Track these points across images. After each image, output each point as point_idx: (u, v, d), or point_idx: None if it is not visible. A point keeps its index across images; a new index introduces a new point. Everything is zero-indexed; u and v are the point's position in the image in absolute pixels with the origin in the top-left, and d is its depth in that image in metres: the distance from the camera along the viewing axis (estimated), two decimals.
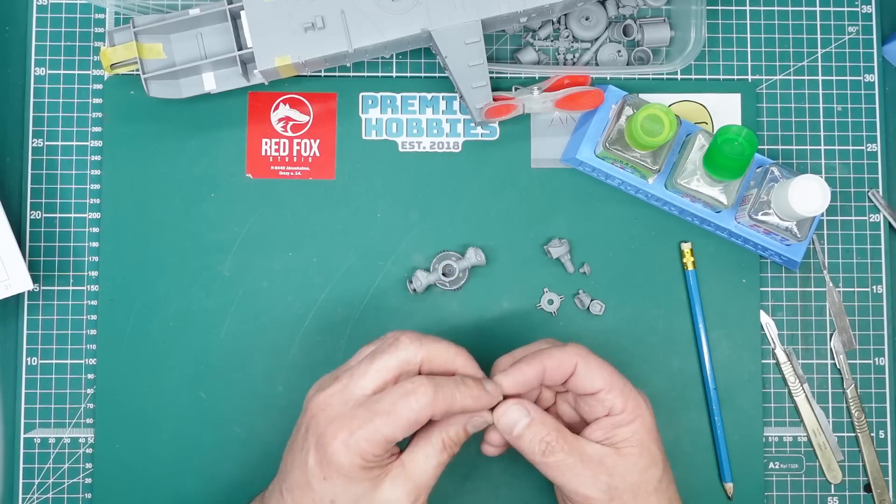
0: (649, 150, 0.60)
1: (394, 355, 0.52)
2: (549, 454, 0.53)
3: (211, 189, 0.66)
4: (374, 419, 0.50)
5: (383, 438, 0.50)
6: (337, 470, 0.50)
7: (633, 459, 0.54)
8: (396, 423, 0.50)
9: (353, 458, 0.50)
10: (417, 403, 0.51)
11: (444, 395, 0.51)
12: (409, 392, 0.51)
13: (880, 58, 0.68)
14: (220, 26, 0.62)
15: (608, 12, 0.68)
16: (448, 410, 0.52)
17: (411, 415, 0.50)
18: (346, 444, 0.50)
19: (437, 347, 0.53)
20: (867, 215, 0.67)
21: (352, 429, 0.50)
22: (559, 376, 0.55)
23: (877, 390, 0.66)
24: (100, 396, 0.65)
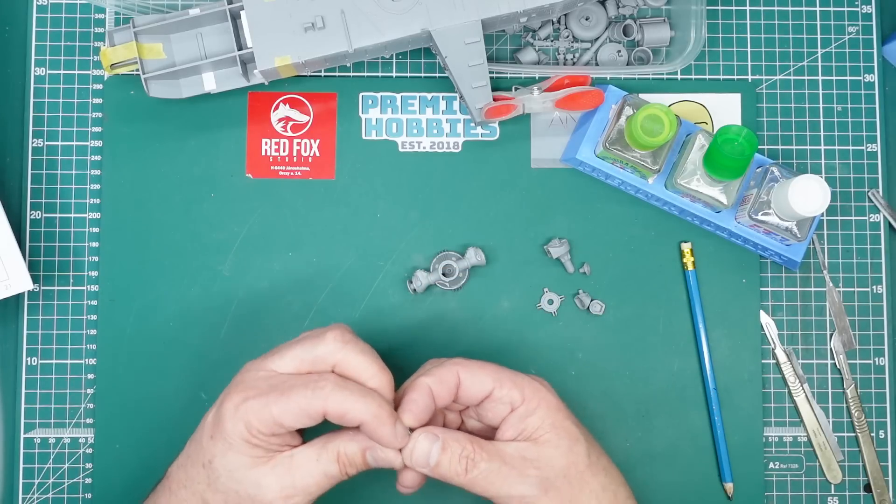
0: (649, 150, 0.60)
1: (313, 348, 0.52)
2: (473, 468, 0.51)
3: (211, 189, 0.66)
4: (269, 394, 0.50)
5: (270, 416, 0.49)
6: (222, 432, 0.50)
7: (554, 443, 0.52)
8: (286, 406, 0.49)
9: (236, 425, 0.50)
10: (312, 394, 0.49)
11: (341, 398, 0.50)
12: (309, 381, 0.50)
13: (880, 58, 0.68)
14: (220, 26, 0.62)
15: (608, 12, 0.68)
16: (343, 416, 0.50)
17: (302, 402, 0.49)
18: (236, 409, 0.50)
19: (358, 359, 0.52)
20: (867, 215, 0.67)
21: (246, 396, 0.50)
22: (447, 393, 0.53)
23: (877, 390, 0.66)
24: (100, 396, 0.65)
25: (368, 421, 0.50)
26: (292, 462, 0.51)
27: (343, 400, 0.50)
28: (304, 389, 0.50)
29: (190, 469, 0.53)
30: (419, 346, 0.65)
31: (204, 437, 0.52)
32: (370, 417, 0.50)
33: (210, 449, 0.51)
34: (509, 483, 0.51)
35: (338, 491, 0.59)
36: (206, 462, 0.51)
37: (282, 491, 0.50)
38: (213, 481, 0.51)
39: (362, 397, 0.50)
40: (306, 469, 0.51)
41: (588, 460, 0.53)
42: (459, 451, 0.52)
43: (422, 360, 0.65)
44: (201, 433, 0.53)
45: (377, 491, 0.65)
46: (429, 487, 0.55)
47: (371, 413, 0.50)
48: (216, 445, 0.51)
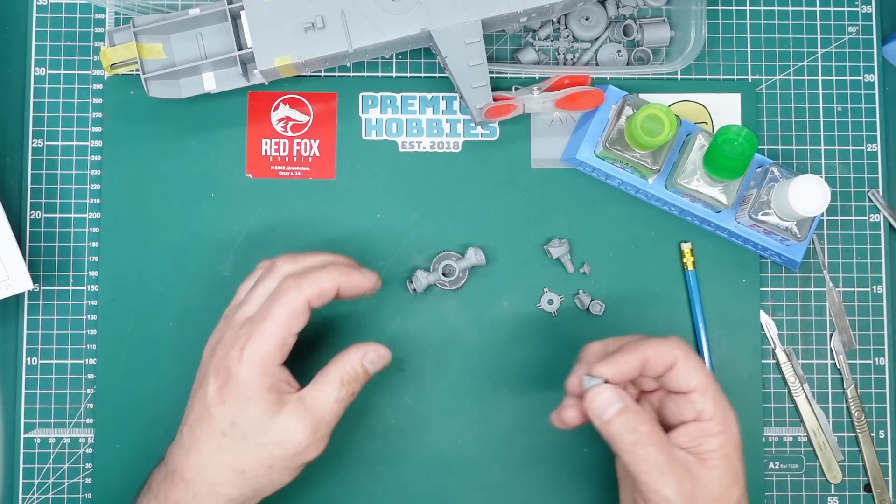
0: (649, 150, 0.60)
1: (274, 278, 0.55)
2: (640, 445, 0.51)
3: (211, 189, 0.66)
4: (257, 327, 0.53)
5: (271, 343, 0.52)
6: (235, 388, 0.52)
7: (718, 473, 0.52)
8: (278, 322, 0.53)
9: (248, 371, 0.52)
10: (287, 297, 0.53)
11: (309, 281, 0.53)
12: (277, 292, 0.54)
13: (880, 58, 0.68)
14: (220, 26, 0.62)
15: (608, 12, 0.68)
16: (321, 293, 0.54)
17: (285, 308, 0.53)
18: (241, 359, 0.52)
19: (312, 259, 0.56)
20: (867, 215, 0.67)
21: (241, 344, 0.53)
22: (658, 368, 0.53)
23: (877, 390, 0.66)
24: (100, 396, 0.65)
25: (344, 281, 0.55)
26: (304, 402, 0.53)
27: (311, 280, 0.54)
28: (278, 301, 0.53)
29: (205, 446, 0.53)
30: (419, 346, 0.65)
31: (212, 408, 0.53)
32: (340, 276, 0.54)
33: (227, 414, 0.53)
34: (664, 480, 0.51)
35: (339, 491, 0.59)
36: (228, 427, 0.53)
37: (306, 429, 0.53)
38: (241, 442, 0.53)
39: (323, 269, 0.55)
40: (321, 403, 0.54)
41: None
42: (635, 424, 0.52)
43: (422, 360, 0.65)
44: (205, 408, 0.53)
45: (378, 492, 0.65)
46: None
47: (337, 273, 0.55)
48: (232, 406, 0.52)
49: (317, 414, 0.53)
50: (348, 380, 0.55)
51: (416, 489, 0.65)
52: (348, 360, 0.55)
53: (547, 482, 0.65)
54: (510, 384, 0.65)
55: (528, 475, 0.65)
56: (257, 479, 0.53)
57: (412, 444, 0.65)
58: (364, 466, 0.64)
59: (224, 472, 0.53)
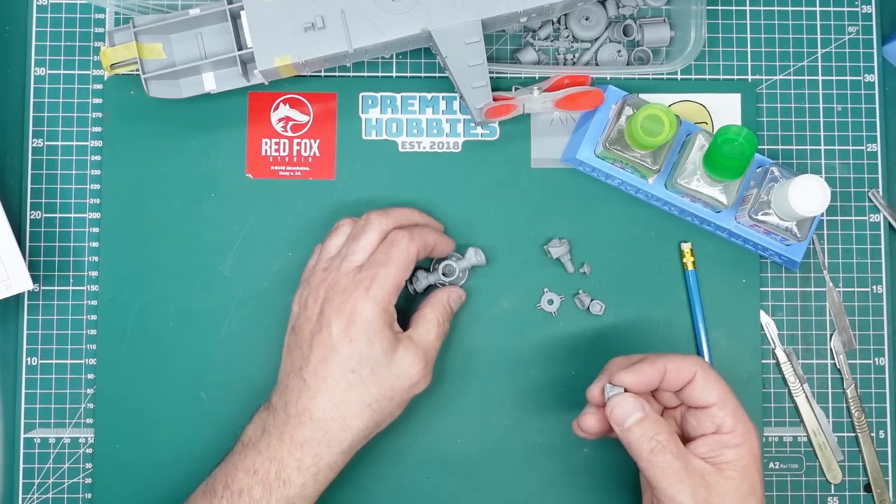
0: (649, 150, 0.60)
1: (373, 230, 0.60)
2: (658, 453, 0.53)
3: (211, 189, 0.66)
4: (379, 270, 0.58)
5: (391, 283, 0.57)
6: (362, 325, 0.56)
7: (735, 484, 0.53)
8: (397, 266, 0.58)
9: (373, 308, 0.57)
10: (402, 244, 0.59)
11: (417, 234, 0.60)
12: (393, 240, 0.59)
13: (880, 58, 0.68)
14: (220, 26, 0.62)
15: (608, 12, 0.68)
16: (425, 244, 0.60)
17: (402, 255, 0.58)
18: (366, 297, 0.57)
19: (401, 214, 0.62)
20: (867, 215, 0.67)
21: (366, 285, 0.57)
22: (677, 382, 0.55)
23: (877, 390, 0.66)
24: (100, 396, 0.65)
25: (437, 237, 0.62)
26: (413, 340, 0.59)
27: (419, 234, 0.60)
28: (396, 248, 0.58)
29: (334, 385, 0.57)
30: None
31: (339, 347, 0.56)
32: (437, 235, 0.62)
33: (355, 350, 0.57)
34: (679, 488, 0.53)
35: (339, 491, 0.59)
36: (356, 364, 0.57)
37: (419, 362, 0.58)
38: (368, 377, 0.57)
39: (425, 227, 0.62)
40: (425, 339, 0.59)
41: None
42: (655, 433, 0.53)
43: None
44: (332, 348, 0.57)
45: (378, 492, 0.65)
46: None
47: (435, 232, 0.62)
48: (359, 343, 0.57)
49: (425, 349, 0.59)
50: (443, 318, 0.61)
51: (416, 489, 0.65)
52: (439, 301, 0.62)
53: (547, 482, 0.65)
54: (510, 384, 0.65)
55: (528, 475, 0.65)
56: (381, 412, 0.58)
57: (412, 444, 0.65)
58: (364, 466, 0.64)
59: (354, 406, 0.57)
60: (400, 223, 0.62)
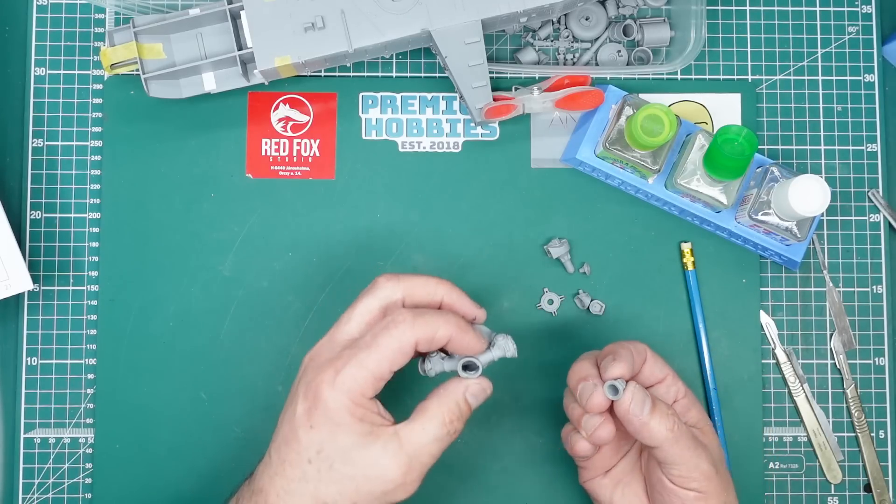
0: (649, 150, 0.60)
1: (374, 296, 0.52)
2: (678, 433, 0.53)
3: (211, 189, 0.66)
4: (358, 354, 0.49)
5: (369, 374, 0.49)
6: (324, 413, 0.49)
7: (710, 437, 0.56)
8: (381, 355, 0.49)
9: (340, 397, 0.49)
10: (398, 331, 0.49)
11: (424, 322, 0.50)
12: (388, 323, 0.50)
13: (880, 58, 0.68)
14: (220, 26, 0.62)
15: (608, 12, 0.68)
16: (432, 338, 0.50)
17: (393, 343, 0.49)
18: (333, 383, 0.49)
19: (416, 282, 0.53)
20: (867, 215, 0.67)
21: (337, 368, 0.49)
22: (638, 363, 0.56)
23: (877, 390, 0.66)
24: (100, 396, 0.65)
25: (454, 333, 0.51)
26: (399, 438, 0.50)
27: (426, 322, 0.50)
28: (387, 332, 0.50)
29: (291, 472, 0.50)
30: None
31: (300, 431, 0.50)
32: (455, 329, 0.51)
33: (315, 439, 0.49)
34: (698, 455, 0.53)
35: None
36: (314, 455, 0.49)
37: (399, 468, 0.49)
38: (326, 472, 0.49)
39: (441, 315, 0.51)
40: (416, 440, 0.50)
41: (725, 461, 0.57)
42: (667, 410, 0.53)
43: None
44: (293, 430, 0.50)
45: None
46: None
47: (454, 324, 0.51)
48: (321, 432, 0.49)
49: (412, 452, 0.50)
50: (451, 417, 0.51)
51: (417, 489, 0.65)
52: (451, 394, 0.51)
53: (547, 482, 0.65)
54: (510, 384, 0.65)
55: (528, 475, 0.65)
56: None
57: None
58: None
59: (307, 500, 0.50)
60: (414, 296, 0.53)
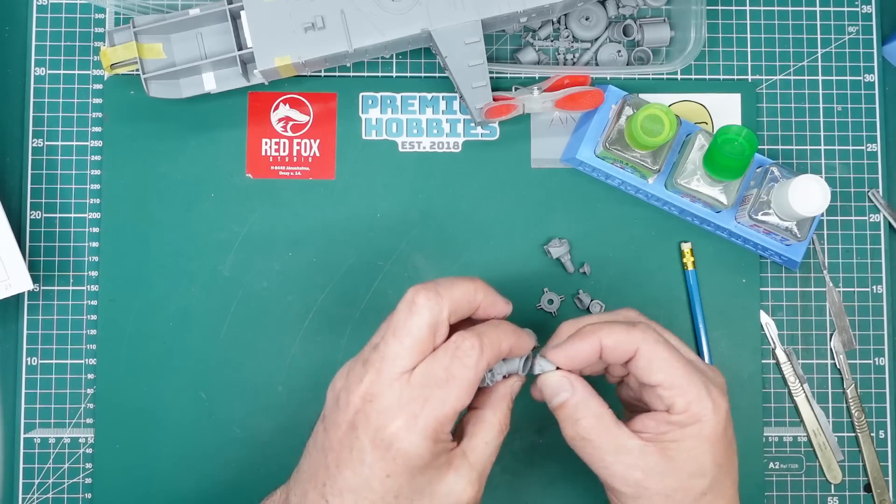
0: (649, 150, 0.60)
1: (420, 319, 0.48)
2: (580, 438, 0.50)
3: (211, 189, 0.66)
4: (435, 393, 0.47)
5: (451, 410, 0.47)
6: (404, 462, 0.47)
7: (676, 465, 0.50)
8: (460, 388, 0.47)
9: (422, 443, 0.47)
10: (471, 359, 0.48)
11: (490, 343, 0.49)
12: (457, 353, 0.48)
13: (880, 58, 0.68)
14: (220, 26, 0.62)
15: (608, 12, 0.68)
16: (497, 356, 0.49)
17: (469, 374, 0.47)
18: (413, 429, 0.46)
19: (456, 292, 0.50)
20: (867, 215, 0.67)
21: (415, 412, 0.47)
22: (617, 357, 0.51)
23: (877, 390, 0.66)
24: (100, 396, 0.65)
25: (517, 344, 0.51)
26: (468, 458, 0.49)
27: (492, 343, 0.49)
28: (461, 364, 0.48)
29: None
30: None
31: (373, 482, 0.47)
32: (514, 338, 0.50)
33: (393, 486, 0.47)
34: (610, 472, 0.50)
35: None
36: (392, 499, 0.47)
37: (473, 487, 0.49)
38: None
39: (499, 328, 0.50)
40: (481, 453, 0.50)
41: (700, 498, 0.50)
42: (578, 416, 0.50)
43: None
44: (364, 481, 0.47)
45: None
46: None
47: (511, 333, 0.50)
48: (400, 478, 0.47)
49: (480, 467, 0.50)
50: (506, 422, 0.51)
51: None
52: (502, 398, 0.51)
53: (547, 482, 0.65)
54: None
55: (528, 475, 0.65)
56: None
57: None
58: None
59: None
60: (458, 312, 0.50)
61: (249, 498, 0.59)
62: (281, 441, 0.64)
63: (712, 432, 0.50)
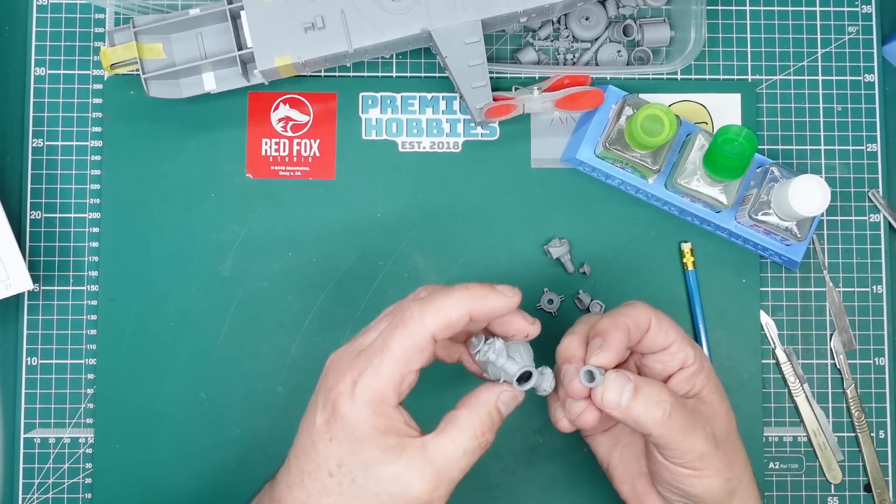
0: (649, 150, 0.60)
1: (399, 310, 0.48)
2: (670, 413, 0.49)
3: (211, 189, 0.66)
4: (371, 361, 0.46)
5: (388, 381, 0.45)
6: (343, 426, 0.46)
7: (717, 403, 0.52)
8: (395, 359, 0.45)
9: (360, 409, 0.45)
10: (406, 327, 0.46)
11: (434, 309, 0.46)
12: (397, 321, 0.46)
13: (880, 58, 0.68)
14: (220, 26, 0.62)
15: (608, 12, 0.68)
16: (449, 325, 0.46)
17: (406, 343, 0.45)
18: (351, 394, 0.45)
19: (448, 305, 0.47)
20: (867, 215, 0.67)
21: (353, 378, 0.46)
22: (638, 335, 0.52)
23: (877, 390, 0.66)
24: (100, 396, 0.65)
25: (473, 305, 0.46)
26: (426, 451, 0.46)
27: (438, 308, 0.46)
28: (396, 333, 0.46)
29: (310, 484, 0.47)
30: None
31: (318, 443, 0.47)
32: (470, 299, 0.46)
33: (335, 452, 0.46)
34: (696, 437, 0.49)
35: None
36: (335, 468, 0.46)
37: (426, 483, 0.46)
38: (347, 487, 0.46)
39: (449, 294, 0.46)
40: (446, 455, 0.47)
41: (735, 425, 0.53)
42: (656, 396, 0.49)
43: None
44: (312, 442, 0.47)
45: None
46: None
47: (468, 295, 0.46)
48: (341, 445, 0.46)
49: (440, 467, 0.46)
50: (483, 428, 0.48)
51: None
52: (483, 403, 0.48)
53: (547, 482, 0.65)
54: None
55: (528, 475, 0.65)
56: None
57: None
58: None
59: None
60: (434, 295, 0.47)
61: (249, 498, 0.59)
62: (280, 441, 0.64)
63: (711, 365, 0.54)
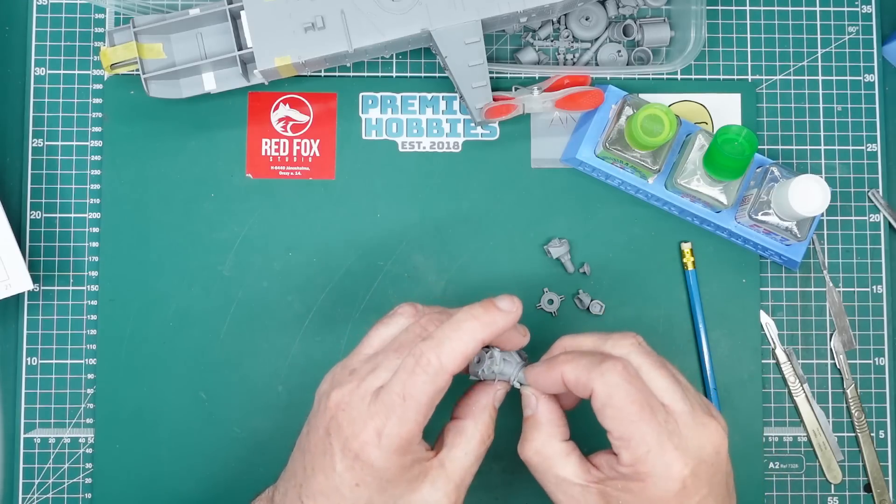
0: (649, 150, 0.60)
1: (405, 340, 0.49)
2: (526, 458, 0.51)
3: (211, 189, 0.66)
4: (396, 409, 0.46)
5: (414, 426, 0.46)
6: (372, 473, 0.46)
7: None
8: (420, 403, 0.46)
9: (389, 457, 0.46)
10: (427, 376, 0.46)
11: (450, 349, 0.47)
12: (414, 365, 0.46)
13: (880, 58, 0.68)
14: (220, 26, 0.62)
15: (608, 12, 0.68)
16: (465, 359, 0.47)
17: (427, 388, 0.46)
18: (379, 444, 0.46)
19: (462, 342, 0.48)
20: (867, 215, 0.67)
21: (379, 429, 0.46)
22: (579, 392, 0.49)
23: (877, 390, 0.66)
24: (100, 396, 0.65)
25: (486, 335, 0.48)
26: (445, 469, 0.48)
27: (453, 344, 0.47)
28: (418, 378, 0.46)
29: None
30: None
31: (343, 489, 0.47)
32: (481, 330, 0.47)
33: (363, 494, 0.47)
34: (554, 499, 0.50)
35: None
36: None
37: (448, 498, 0.48)
38: None
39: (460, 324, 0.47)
40: (461, 466, 0.49)
41: None
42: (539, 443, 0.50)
43: None
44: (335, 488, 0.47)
45: None
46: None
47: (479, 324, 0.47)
48: (370, 487, 0.47)
49: (458, 479, 0.48)
50: (488, 431, 0.50)
51: None
52: (483, 408, 0.50)
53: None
54: None
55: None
56: None
57: None
58: None
59: None
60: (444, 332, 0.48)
61: (249, 498, 0.59)
62: (281, 441, 0.64)
63: (659, 496, 0.46)
